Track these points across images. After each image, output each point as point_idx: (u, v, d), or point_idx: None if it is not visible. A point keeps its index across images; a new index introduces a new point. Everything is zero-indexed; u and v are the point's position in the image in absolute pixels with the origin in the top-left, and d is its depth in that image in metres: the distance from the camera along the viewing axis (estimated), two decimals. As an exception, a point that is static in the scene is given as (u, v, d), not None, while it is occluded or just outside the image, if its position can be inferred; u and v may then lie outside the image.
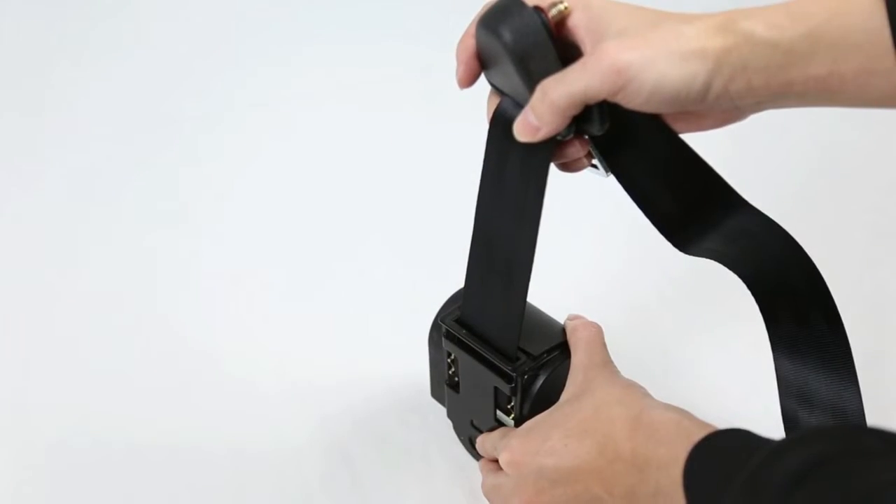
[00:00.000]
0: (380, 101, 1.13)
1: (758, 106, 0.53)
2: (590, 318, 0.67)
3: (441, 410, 0.74)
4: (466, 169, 0.65)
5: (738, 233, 0.60)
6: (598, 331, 0.66)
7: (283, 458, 0.75)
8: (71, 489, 0.74)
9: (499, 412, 0.67)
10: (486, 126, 0.59)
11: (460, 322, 0.67)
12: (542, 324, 0.68)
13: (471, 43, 0.56)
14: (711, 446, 0.52)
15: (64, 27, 1.26)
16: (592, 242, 0.93)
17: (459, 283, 0.67)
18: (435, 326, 0.70)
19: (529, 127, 0.53)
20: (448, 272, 0.71)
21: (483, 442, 0.68)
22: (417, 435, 0.76)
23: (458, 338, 0.67)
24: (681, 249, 0.61)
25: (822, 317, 0.62)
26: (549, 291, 0.70)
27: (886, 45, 0.49)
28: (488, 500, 0.66)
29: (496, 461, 0.66)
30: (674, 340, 0.84)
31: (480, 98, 0.60)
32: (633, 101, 0.51)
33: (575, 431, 0.59)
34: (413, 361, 0.78)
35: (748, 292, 0.63)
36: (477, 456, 0.70)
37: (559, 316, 0.69)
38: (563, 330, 0.67)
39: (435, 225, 0.95)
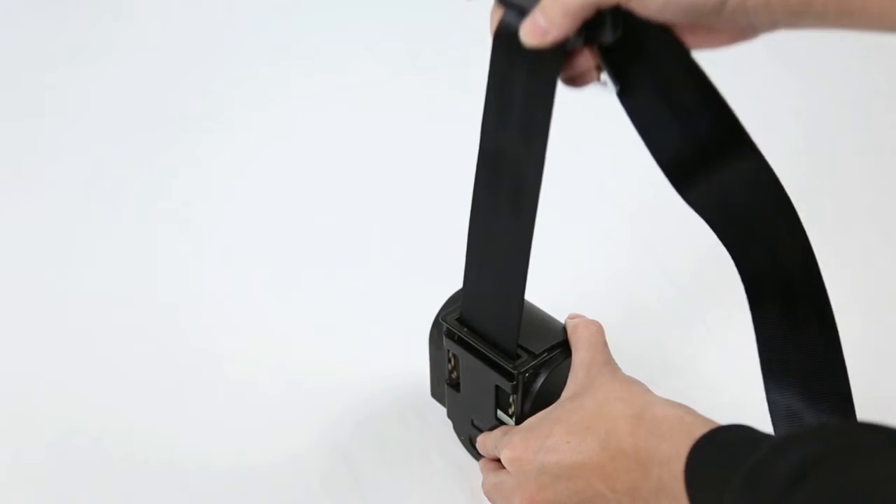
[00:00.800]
0: (380, 102, 1.13)
1: (773, 25, 0.51)
2: (590, 317, 0.67)
3: (441, 410, 0.74)
4: (467, 169, 0.65)
5: (736, 184, 0.59)
6: (598, 329, 0.66)
7: (284, 458, 0.75)
8: (71, 489, 0.74)
9: (499, 411, 0.67)
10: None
11: (461, 321, 0.67)
12: (543, 322, 0.68)
13: None
14: (713, 442, 0.52)
15: (63, 27, 1.26)
16: (592, 242, 0.93)
17: (459, 283, 0.67)
18: (436, 325, 0.70)
19: (538, 29, 0.51)
20: (448, 272, 0.70)
21: (484, 440, 0.68)
22: (417, 435, 0.76)
23: (460, 336, 0.67)
24: (680, 192, 0.59)
25: (815, 319, 0.62)
26: (549, 290, 0.70)
27: None
28: (489, 498, 0.66)
29: (497, 460, 0.66)
30: (673, 340, 0.84)
31: (481, 99, 0.60)
32: (647, 7, 0.50)
33: (577, 428, 0.59)
34: (413, 361, 0.78)
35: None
36: (477, 456, 0.70)
37: (559, 315, 0.69)
38: (563, 329, 0.67)
39: (435, 225, 0.95)
